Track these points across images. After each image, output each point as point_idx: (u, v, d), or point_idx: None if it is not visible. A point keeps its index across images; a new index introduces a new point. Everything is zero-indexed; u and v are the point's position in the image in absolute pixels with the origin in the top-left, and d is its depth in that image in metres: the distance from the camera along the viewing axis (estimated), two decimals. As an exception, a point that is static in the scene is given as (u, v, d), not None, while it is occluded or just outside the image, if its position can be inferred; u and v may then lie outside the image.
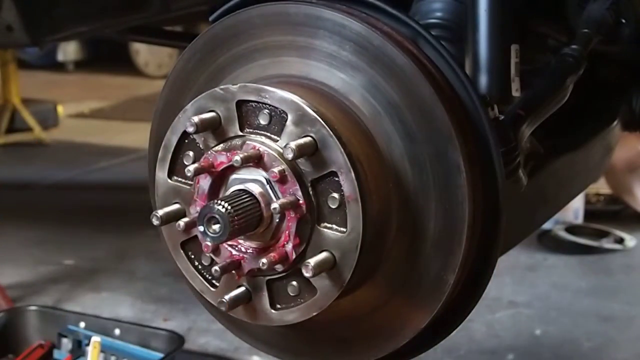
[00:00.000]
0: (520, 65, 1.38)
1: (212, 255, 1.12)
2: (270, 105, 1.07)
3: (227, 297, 1.11)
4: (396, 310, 1.12)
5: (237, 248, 1.11)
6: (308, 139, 1.04)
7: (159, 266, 3.28)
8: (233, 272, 1.11)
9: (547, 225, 3.48)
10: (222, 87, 1.11)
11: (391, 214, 1.08)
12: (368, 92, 1.08)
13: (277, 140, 1.07)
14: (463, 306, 1.15)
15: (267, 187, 1.07)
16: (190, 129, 1.10)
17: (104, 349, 2.33)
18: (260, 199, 1.07)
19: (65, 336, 2.42)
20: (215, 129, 1.11)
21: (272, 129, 1.08)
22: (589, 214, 3.83)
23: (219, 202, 1.04)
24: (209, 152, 1.10)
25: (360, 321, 1.15)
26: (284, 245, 1.07)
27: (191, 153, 1.14)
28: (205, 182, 1.11)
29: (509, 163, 1.22)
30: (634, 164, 3.64)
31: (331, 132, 1.03)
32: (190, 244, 1.16)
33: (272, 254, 1.07)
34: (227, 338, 2.62)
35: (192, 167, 1.09)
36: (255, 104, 1.09)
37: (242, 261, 1.11)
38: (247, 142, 1.08)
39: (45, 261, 3.38)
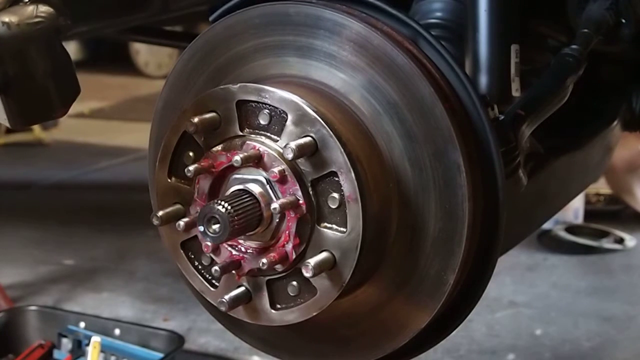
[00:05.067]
0: (520, 65, 1.38)
1: (212, 255, 1.12)
2: (270, 105, 1.07)
3: (227, 297, 1.11)
4: (396, 310, 1.12)
5: (237, 248, 1.11)
6: (308, 139, 1.04)
7: (159, 266, 3.28)
8: (233, 272, 1.11)
9: (547, 225, 3.47)
10: (222, 87, 1.11)
11: (391, 214, 1.08)
12: (368, 92, 1.08)
13: (277, 140, 1.07)
14: (463, 306, 1.15)
15: (267, 187, 1.07)
16: (190, 129, 1.10)
17: (104, 349, 2.32)
18: (260, 199, 1.07)
19: (65, 336, 2.42)
20: (215, 129, 1.11)
21: (272, 129, 1.08)
22: (589, 214, 3.82)
23: (219, 202, 1.04)
24: (209, 152, 1.11)
25: (360, 321, 1.15)
26: (284, 245, 1.07)
27: (191, 153, 1.14)
28: (205, 182, 1.11)
29: (509, 163, 1.22)
30: (634, 164, 3.63)
31: (331, 132, 1.03)
32: (190, 244, 1.16)
33: (272, 254, 1.07)
34: (227, 338, 2.61)
35: (192, 167, 1.09)
36: (255, 104, 1.09)
37: (242, 261, 1.11)
38: (247, 142, 1.08)
39: (45, 261, 3.37)
